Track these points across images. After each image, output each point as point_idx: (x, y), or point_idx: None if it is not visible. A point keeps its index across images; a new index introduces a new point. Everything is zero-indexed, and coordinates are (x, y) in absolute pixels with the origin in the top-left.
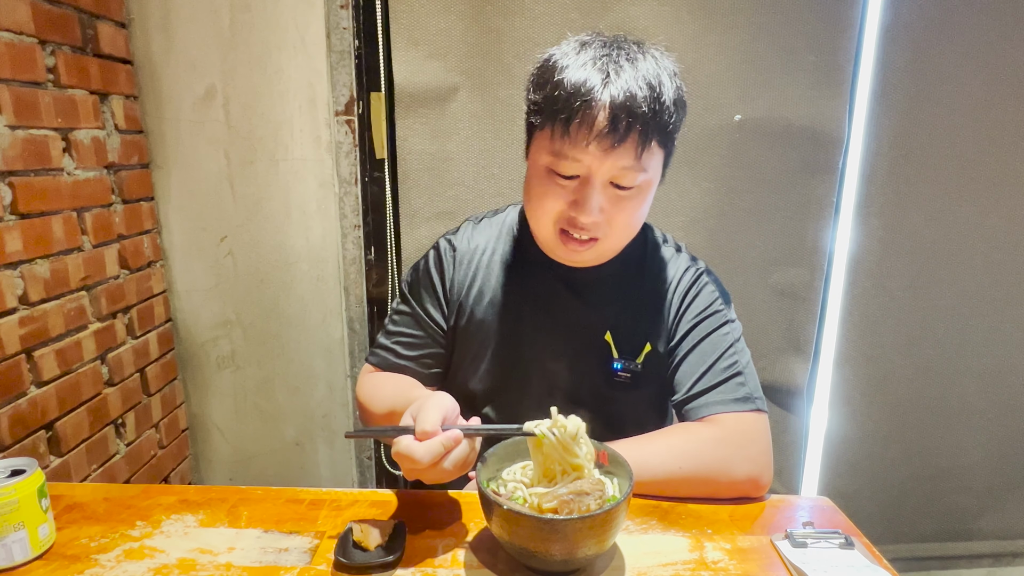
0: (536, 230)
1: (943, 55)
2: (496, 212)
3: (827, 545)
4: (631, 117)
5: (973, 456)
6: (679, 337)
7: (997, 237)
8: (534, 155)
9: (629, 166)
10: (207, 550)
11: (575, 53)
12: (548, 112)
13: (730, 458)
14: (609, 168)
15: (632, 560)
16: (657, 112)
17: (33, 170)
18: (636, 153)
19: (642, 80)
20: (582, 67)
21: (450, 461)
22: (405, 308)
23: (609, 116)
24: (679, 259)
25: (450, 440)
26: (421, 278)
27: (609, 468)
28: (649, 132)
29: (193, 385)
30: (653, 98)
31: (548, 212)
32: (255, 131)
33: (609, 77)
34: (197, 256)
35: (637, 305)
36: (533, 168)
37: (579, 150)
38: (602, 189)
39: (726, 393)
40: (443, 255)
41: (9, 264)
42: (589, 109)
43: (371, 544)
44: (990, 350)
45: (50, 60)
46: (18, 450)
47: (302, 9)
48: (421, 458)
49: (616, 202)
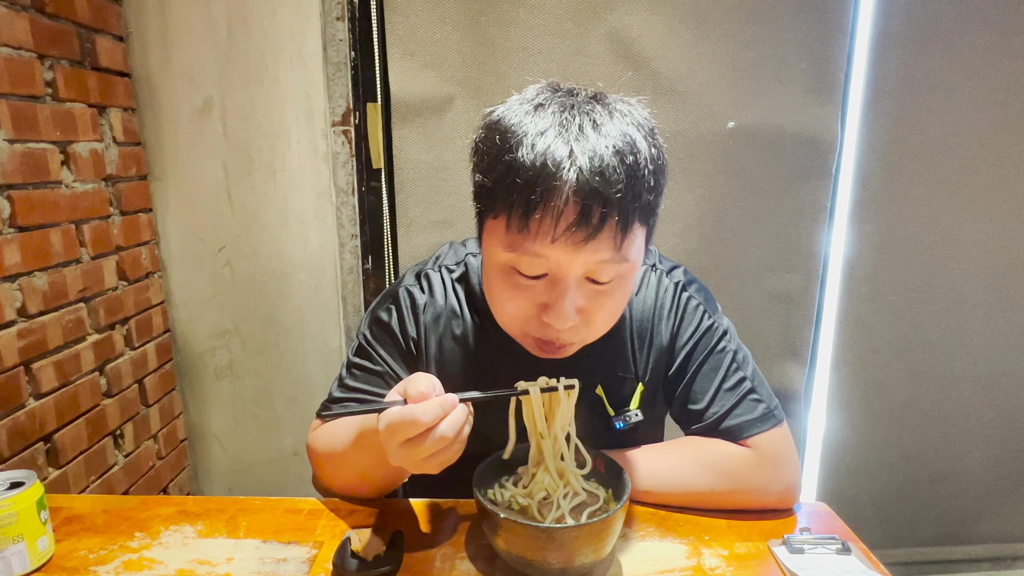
0: (505, 330)
1: (934, 62)
2: (456, 259)
3: (824, 551)
4: (605, 205)
5: (970, 460)
6: (678, 363)
7: (991, 241)
8: (488, 249)
9: (607, 259)
10: (206, 561)
11: (529, 118)
12: (502, 201)
13: (765, 481)
14: (583, 264)
15: (630, 568)
16: (636, 191)
17: (32, 183)
18: (615, 244)
19: (614, 151)
20: (540, 137)
21: (448, 424)
22: (368, 364)
23: (579, 205)
24: (655, 280)
25: (447, 403)
26: (382, 332)
27: (606, 476)
28: (629, 216)
29: (191, 395)
30: (630, 174)
31: (514, 318)
32: (252, 142)
33: (573, 153)
34: (195, 267)
35: (622, 347)
36: (489, 261)
37: (544, 246)
38: (577, 287)
39: (745, 415)
40: (404, 310)
41: (8, 277)
42: (553, 200)
43: (369, 554)
44: (986, 354)
45: (48, 74)
46: (17, 462)
47: (299, 22)
48: (421, 416)
49: (595, 298)
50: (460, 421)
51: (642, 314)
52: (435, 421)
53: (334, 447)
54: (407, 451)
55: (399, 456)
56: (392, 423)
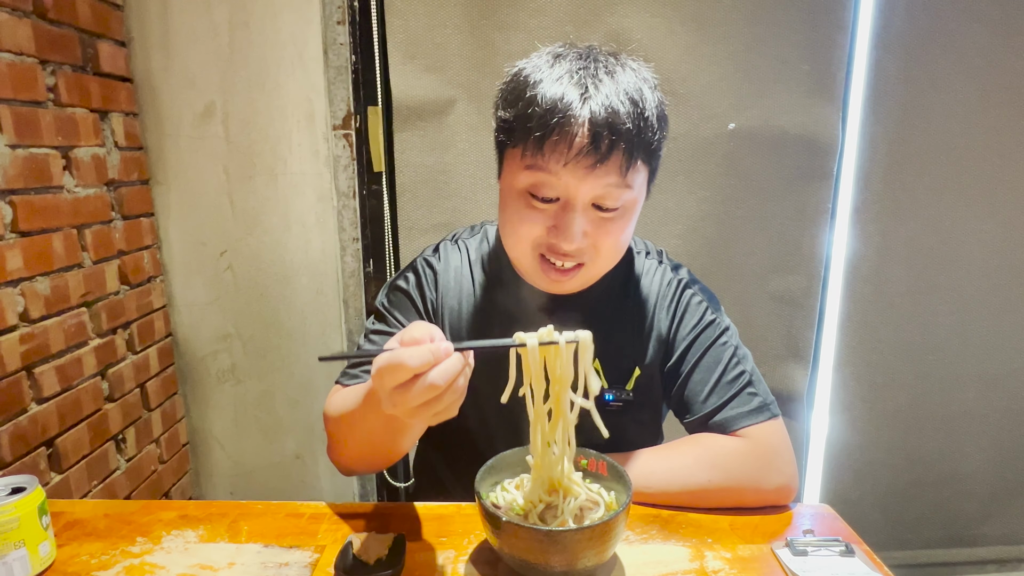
0: (514, 257)
1: (935, 62)
2: (473, 230)
3: (828, 553)
4: (614, 134)
5: (975, 461)
6: (677, 355)
7: (994, 242)
8: (507, 177)
9: (613, 184)
10: (208, 566)
11: (548, 66)
12: (521, 130)
13: (759, 472)
14: (591, 188)
15: (632, 570)
16: (641, 128)
17: (34, 188)
18: (621, 171)
19: (623, 94)
20: (557, 81)
21: (440, 372)
22: (384, 327)
23: (590, 133)
24: (660, 271)
25: (439, 350)
26: (401, 297)
27: (608, 478)
28: (634, 149)
29: (193, 399)
30: (637, 113)
31: (525, 239)
32: (254, 146)
33: (588, 91)
34: (197, 270)
35: (623, 327)
36: (507, 191)
37: (557, 170)
38: (584, 212)
39: (740, 407)
40: (422, 275)
41: (10, 282)
42: (568, 126)
43: (371, 557)
44: (990, 354)
45: (50, 79)
46: (18, 467)
47: (300, 26)
48: (407, 360)
49: (600, 225)
50: (453, 370)
51: (643, 298)
52: (424, 367)
53: (345, 408)
54: (397, 397)
55: (390, 403)
56: (381, 367)
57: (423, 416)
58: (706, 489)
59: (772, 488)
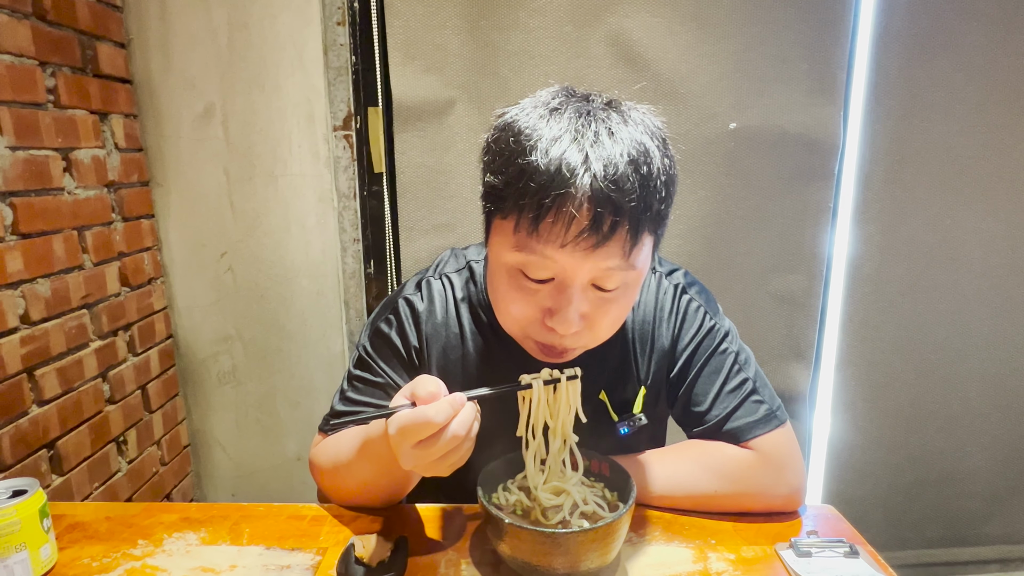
0: (506, 329)
1: (936, 61)
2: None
3: (831, 554)
4: (617, 213)
5: (977, 460)
6: (680, 366)
7: (995, 241)
8: (495, 248)
9: (615, 267)
10: (209, 568)
11: (544, 123)
12: (512, 203)
13: (768, 483)
14: (590, 271)
15: (636, 572)
16: (648, 200)
17: (34, 190)
18: (624, 252)
19: (628, 160)
20: (555, 142)
21: (459, 423)
22: (369, 376)
23: (590, 212)
24: (655, 282)
25: (456, 401)
26: (382, 344)
27: (611, 479)
28: (640, 225)
29: (194, 401)
30: (642, 183)
31: (518, 320)
32: (254, 147)
33: (589, 159)
34: (197, 272)
35: (625, 352)
36: (495, 263)
37: (553, 253)
38: (582, 294)
39: (746, 417)
40: (404, 319)
41: (10, 284)
42: (565, 205)
43: (373, 560)
44: (991, 353)
45: (50, 81)
46: (20, 470)
47: (299, 27)
48: (434, 416)
49: (600, 305)
50: (470, 419)
51: (643, 318)
52: (448, 420)
53: (339, 459)
54: (420, 453)
55: (411, 459)
56: (404, 425)
57: (440, 467)
58: (713, 496)
59: (781, 496)
